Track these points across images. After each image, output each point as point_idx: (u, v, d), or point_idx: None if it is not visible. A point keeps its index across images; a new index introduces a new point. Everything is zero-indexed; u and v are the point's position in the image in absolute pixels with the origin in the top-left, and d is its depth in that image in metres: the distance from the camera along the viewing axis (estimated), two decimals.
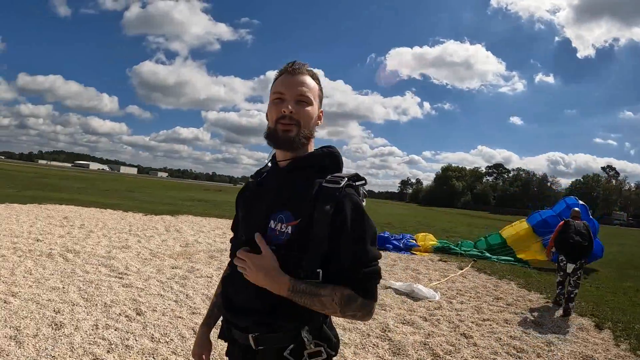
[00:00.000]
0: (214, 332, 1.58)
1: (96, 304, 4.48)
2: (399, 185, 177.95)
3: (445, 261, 9.57)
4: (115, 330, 3.84)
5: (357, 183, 1.36)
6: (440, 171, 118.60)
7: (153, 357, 3.38)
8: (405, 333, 4.53)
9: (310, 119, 1.36)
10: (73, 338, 3.56)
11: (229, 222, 13.24)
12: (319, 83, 1.42)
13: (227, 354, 1.47)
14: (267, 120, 1.41)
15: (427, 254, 10.44)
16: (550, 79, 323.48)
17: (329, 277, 1.25)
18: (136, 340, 3.66)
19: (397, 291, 6.24)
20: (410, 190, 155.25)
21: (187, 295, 5.15)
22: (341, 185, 1.28)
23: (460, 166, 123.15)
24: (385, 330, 4.55)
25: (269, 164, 1.49)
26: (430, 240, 11.47)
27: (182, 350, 3.59)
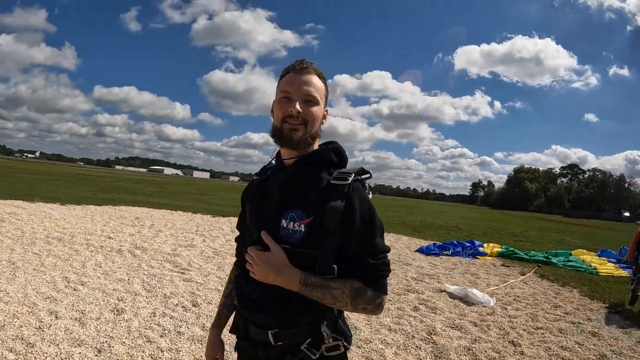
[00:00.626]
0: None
1: (156, 295, 4.85)
2: (470, 187, 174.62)
3: (507, 266, 9.19)
4: (170, 318, 4.17)
5: (363, 177, 1.37)
6: (513, 173, 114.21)
7: (201, 344, 3.63)
8: (452, 337, 4.45)
9: (317, 118, 1.37)
10: (131, 323, 3.92)
11: None
12: (325, 82, 1.41)
13: (236, 349, 1.49)
14: (272, 118, 1.41)
15: (491, 258, 10.14)
16: (625, 72, 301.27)
17: (341, 271, 1.28)
18: (188, 328, 3.95)
19: (452, 295, 6.13)
20: (481, 193, 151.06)
21: None
22: (349, 181, 1.30)
23: (533, 167, 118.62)
24: (431, 334, 4.50)
25: (273, 162, 1.48)
26: (495, 247, 11.17)
27: (228, 339, 3.81)
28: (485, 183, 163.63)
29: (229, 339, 1.85)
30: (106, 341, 3.47)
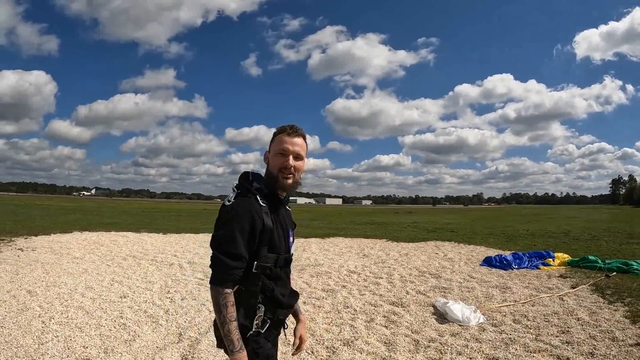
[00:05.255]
0: None
1: (164, 292, 6.58)
2: (610, 185, 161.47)
3: (565, 277, 7.96)
4: (152, 304, 5.91)
5: None
6: None
7: (154, 319, 5.15)
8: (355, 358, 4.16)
9: (302, 170, 1.99)
10: (125, 303, 5.86)
11: (380, 242, 14.87)
12: (306, 141, 2.02)
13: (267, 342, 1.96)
14: (267, 164, 2.00)
15: (557, 268, 9.36)
16: None
17: None
18: (154, 310, 5.61)
19: (436, 310, 5.64)
20: (622, 190, 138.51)
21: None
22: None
23: None
24: (335, 351, 4.30)
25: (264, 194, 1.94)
26: (565, 257, 10.30)
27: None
28: (626, 178, 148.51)
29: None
30: (97, 309, 5.48)
